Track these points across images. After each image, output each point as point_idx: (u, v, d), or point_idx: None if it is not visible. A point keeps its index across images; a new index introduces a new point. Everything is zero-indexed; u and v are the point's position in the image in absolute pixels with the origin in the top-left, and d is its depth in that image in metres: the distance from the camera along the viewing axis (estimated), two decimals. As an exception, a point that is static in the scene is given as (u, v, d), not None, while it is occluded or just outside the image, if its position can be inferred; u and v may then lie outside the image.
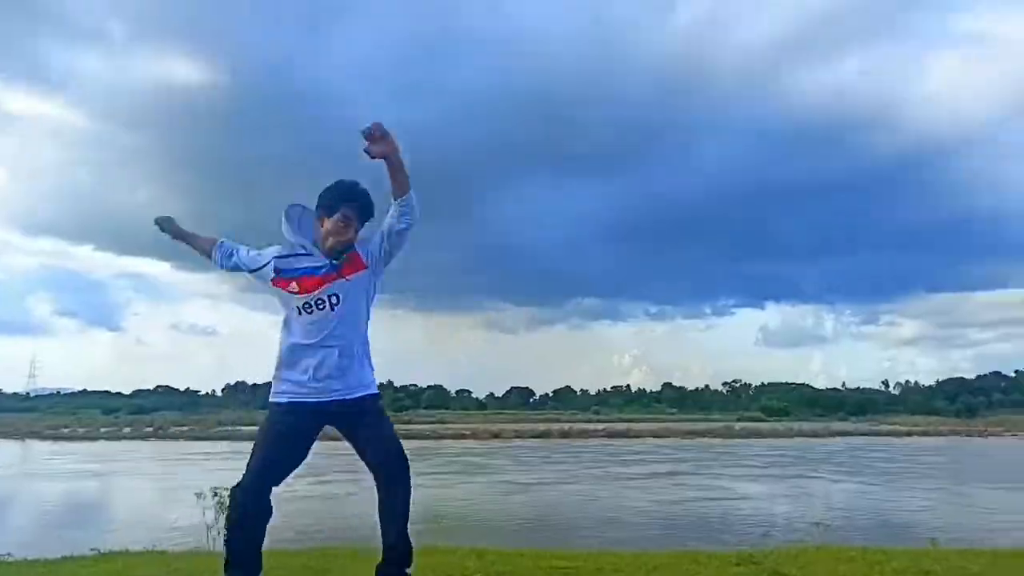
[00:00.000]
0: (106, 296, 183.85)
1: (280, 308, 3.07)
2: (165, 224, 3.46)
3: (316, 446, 3.05)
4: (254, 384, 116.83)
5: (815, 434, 53.33)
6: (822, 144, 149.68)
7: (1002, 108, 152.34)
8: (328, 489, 18.30)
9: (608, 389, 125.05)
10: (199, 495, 5.99)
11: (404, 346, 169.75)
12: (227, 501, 2.99)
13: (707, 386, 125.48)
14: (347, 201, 2.98)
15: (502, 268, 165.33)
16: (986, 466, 30.46)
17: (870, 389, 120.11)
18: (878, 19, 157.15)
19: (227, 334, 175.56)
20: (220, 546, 5.95)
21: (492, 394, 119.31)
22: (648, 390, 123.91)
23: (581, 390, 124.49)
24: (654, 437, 49.12)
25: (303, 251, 3.01)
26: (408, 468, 3.08)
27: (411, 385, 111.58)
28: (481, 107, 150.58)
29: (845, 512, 15.79)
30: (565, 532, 12.92)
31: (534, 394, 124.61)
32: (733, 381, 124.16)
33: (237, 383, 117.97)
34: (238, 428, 52.25)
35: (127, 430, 55.33)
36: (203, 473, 22.54)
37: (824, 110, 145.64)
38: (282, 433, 2.95)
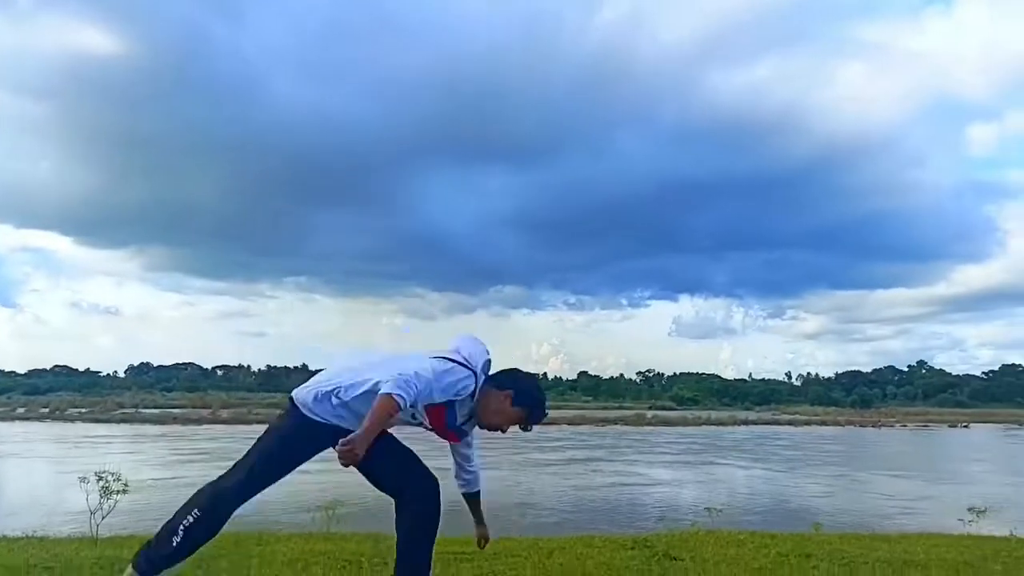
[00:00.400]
0: (2, 271, 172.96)
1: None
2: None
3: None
4: (159, 366, 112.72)
5: (722, 423, 55.26)
6: (736, 144, 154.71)
7: (903, 116, 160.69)
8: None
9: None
10: (83, 479, 5.67)
11: (319, 331, 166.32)
12: (197, 500, 2.80)
13: (622, 375, 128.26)
14: (537, 416, 2.95)
15: (422, 254, 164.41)
16: (879, 455, 32.26)
17: (774, 380, 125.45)
18: (790, 26, 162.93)
19: (131, 314, 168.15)
20: (102, 531, 5.68)
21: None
22: (564, 379, 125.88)
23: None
24: (569, 424, 49.82)
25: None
26: (435, 484, 3.00)
27: (324, 370, 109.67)
28: (404, 93, 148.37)
29: (748, 497, 16.42)
30: (467, 519, 12.92)
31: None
32: (647, 371, 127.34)
33: (141, 364, 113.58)
34: (140, 411, 50.27)
35: (21, 411, 52.47)
36: (99, 456, 21.56)
37: (739, 111, 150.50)
38: (295, 440, 2.89)
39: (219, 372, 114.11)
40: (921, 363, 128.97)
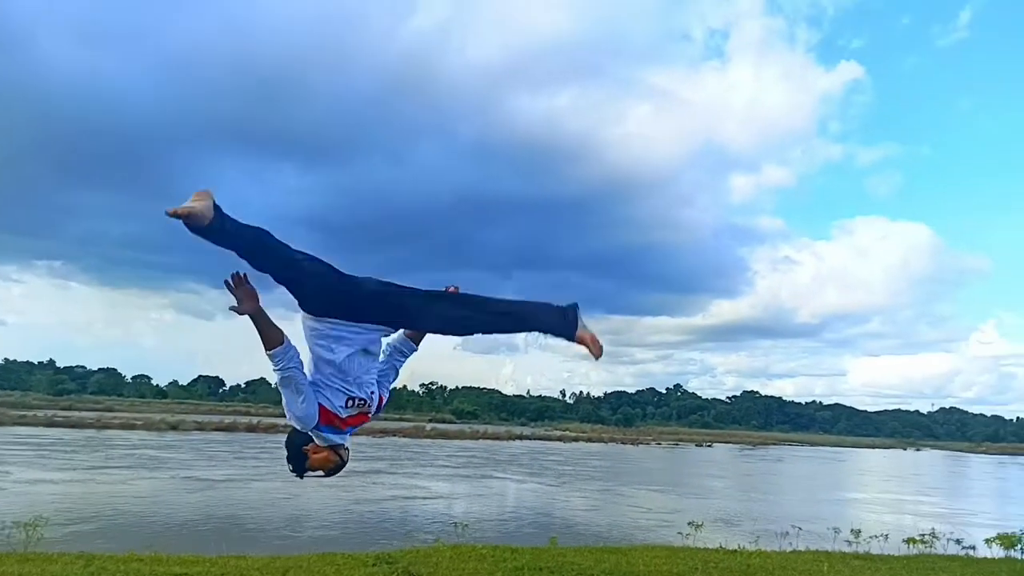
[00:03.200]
0: None
1: None
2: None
3: None
4: None
5: (498, 437, 56.89)
6: (532, 167, 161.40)
7: (679, 159, 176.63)
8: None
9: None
10: None
11: (72, 322, 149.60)
12: None
13: (405, 387, 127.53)
14: None
15: (201, 247, 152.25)
16: (639, 470, 34.90)
17: (550, 397, 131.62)
18: (589, 63, 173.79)
19: None
20: None
21: (176, 382, 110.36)
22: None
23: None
24: (347, 434, 48.72)
25: None
26: None
27: (78, 366, 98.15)
28: (193, 72, 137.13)
29: (513, 511, 16.95)
30: (242, 532, 12.25)
31: (224, 384, 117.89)
32: (430, 383, 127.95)
33: None
34: None
35: None
36: None
37: (537, 136, 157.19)
38: None
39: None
40: (677, 386, 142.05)
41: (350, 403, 2.80)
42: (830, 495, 27.64)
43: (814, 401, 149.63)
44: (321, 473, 2.94)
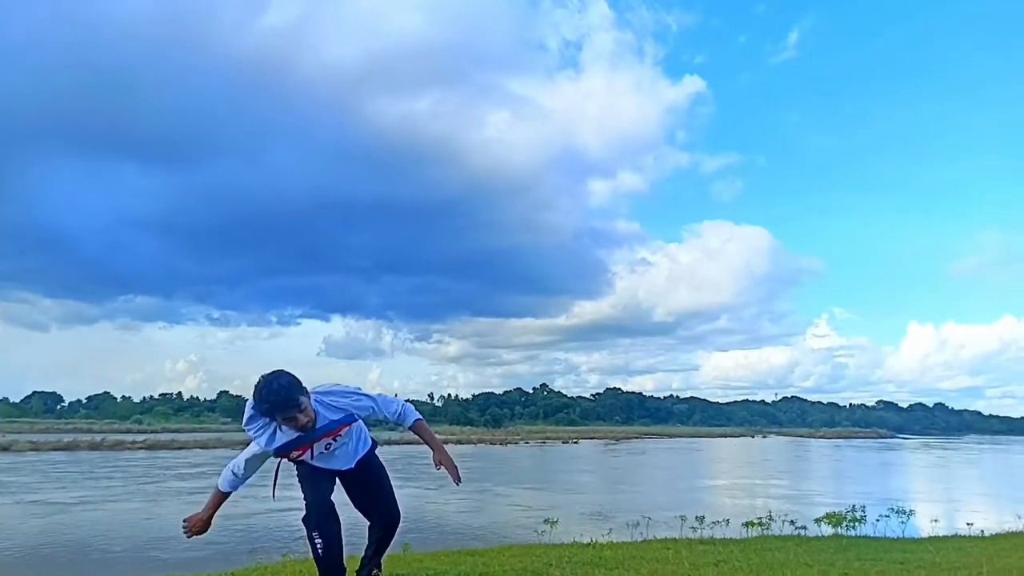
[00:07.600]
0: None
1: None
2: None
3: None
4: None
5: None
6: (394, 170, 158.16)
7: (539, 164, 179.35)
8: None
9: (155, 396, 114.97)
10: None
11: None
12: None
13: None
14: (273, 414, 3.50)
15: (32, 253, 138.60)
16: (512, 469, 35.60)
17: (418, 401, 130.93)
18: (448, 67, 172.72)
19: None
20: None
21: (7, 399, 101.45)
22: (202, 398, 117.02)
23: (123, 397, 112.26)
24: (203, 448, 46.76)
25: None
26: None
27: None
28: (17, 61, 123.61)
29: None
30: (99, 557, 11.70)
31: (63, 400, 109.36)
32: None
33: None
34: None
35: None
36: None
37: (397, 139, 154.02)
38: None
39: None
40: (544, 386, 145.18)
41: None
42: (688, 484, 29.42)
43: (671, 395, 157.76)
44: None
